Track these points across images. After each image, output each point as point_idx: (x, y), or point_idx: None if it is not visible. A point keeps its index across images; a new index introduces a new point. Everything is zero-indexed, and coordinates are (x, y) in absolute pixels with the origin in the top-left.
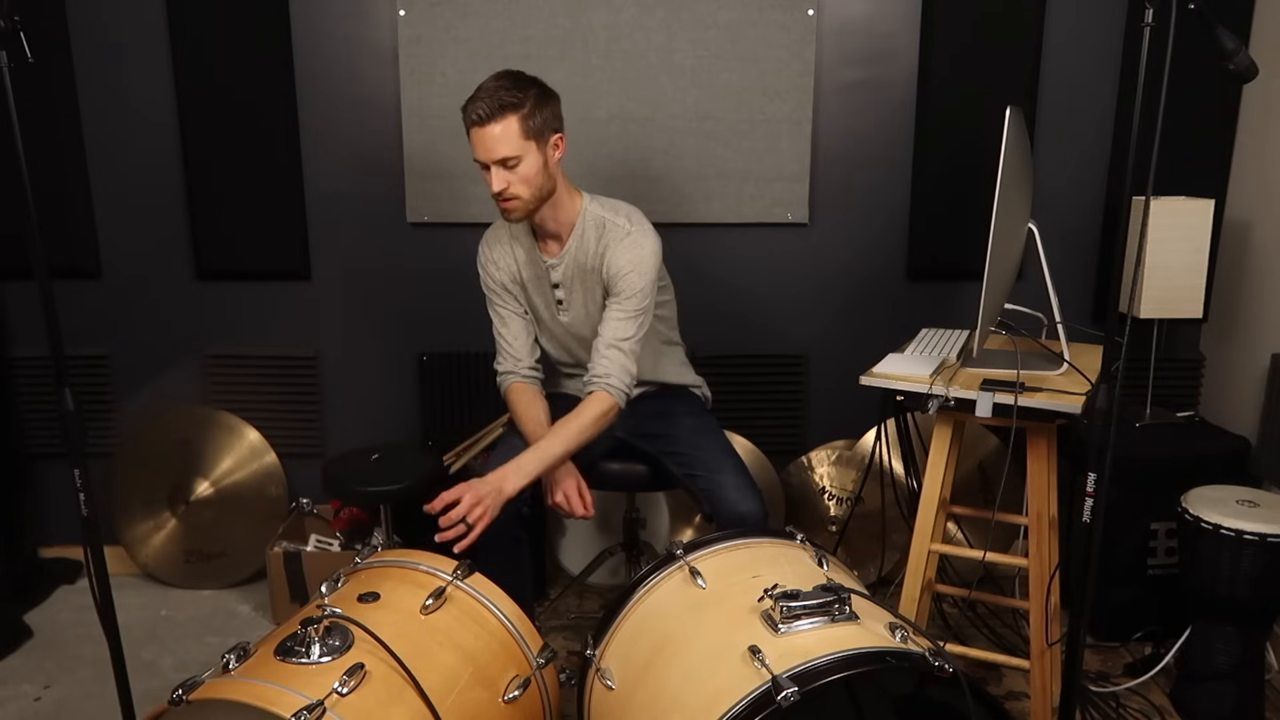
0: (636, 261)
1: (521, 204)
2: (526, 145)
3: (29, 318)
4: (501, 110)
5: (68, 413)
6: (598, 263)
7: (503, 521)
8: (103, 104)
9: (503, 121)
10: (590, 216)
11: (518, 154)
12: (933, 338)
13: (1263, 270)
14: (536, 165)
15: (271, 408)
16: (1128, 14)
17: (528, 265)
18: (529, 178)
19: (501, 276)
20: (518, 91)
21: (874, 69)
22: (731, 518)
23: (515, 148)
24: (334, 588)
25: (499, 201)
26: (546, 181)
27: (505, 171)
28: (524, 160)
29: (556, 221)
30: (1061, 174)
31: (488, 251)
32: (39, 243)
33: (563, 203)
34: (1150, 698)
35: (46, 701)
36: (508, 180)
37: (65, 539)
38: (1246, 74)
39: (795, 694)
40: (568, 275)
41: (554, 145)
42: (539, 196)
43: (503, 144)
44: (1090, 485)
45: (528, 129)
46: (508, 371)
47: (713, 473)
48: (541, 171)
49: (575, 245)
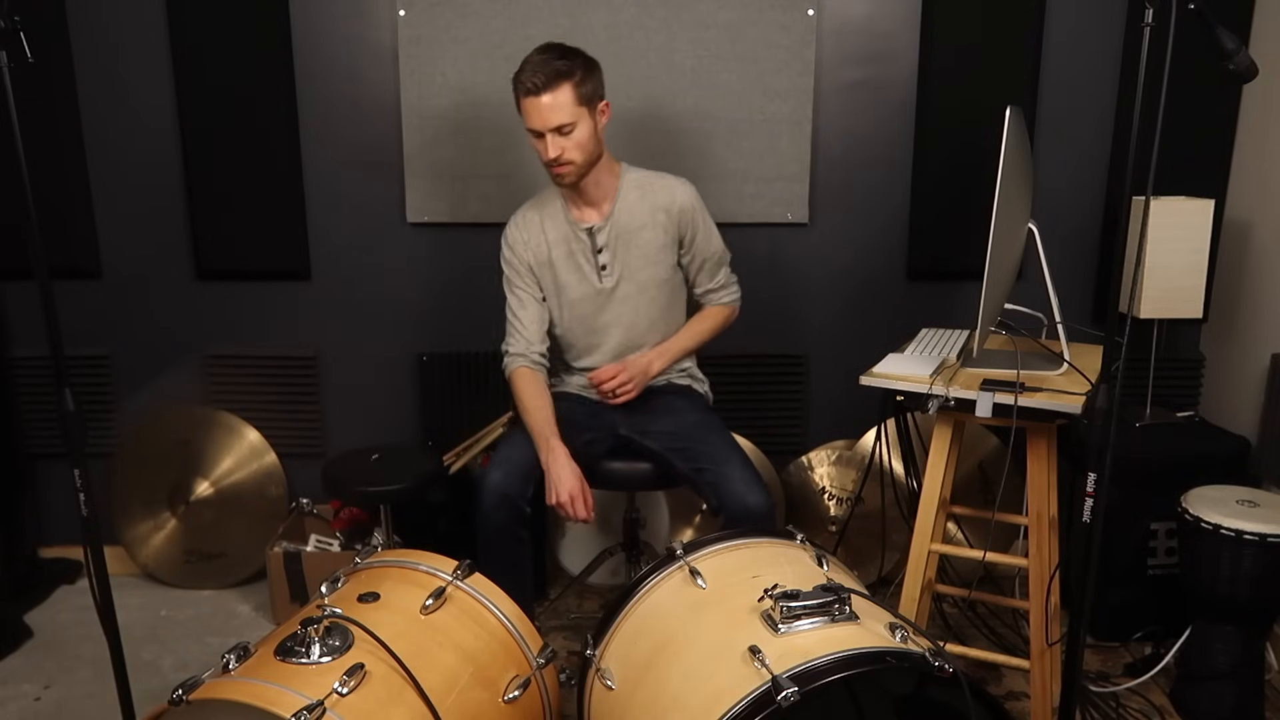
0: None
1: (574, 169)
2: (579, 111)
3: (29, 318)
4: (555, 79)
5: (68, 413)
6: (646, 218)
7: (505, 520)
8: (103, 104)
9: (556, 90)
10: (631, 180)
11: (572, 120)
12: (933, 338)
13: (1263, 270)
14: (588, 131)
15: (271, 408)
16: (1128, 14)
17: (560, 243)
18: (582, 143)
19: (528, 257)
20: (567, 60)
21: (874, 69)
22: (739, 510)
23: (569, 114)
24: (334, 588)
25: (553, 168)
26: (596, 146)
27: (560, 138)
28: (577, 126)
29: (599, 186)
30: (1061, 174)
31: (516, 233)
32: (39, 243)
33: (606, 168)
34: (1150, 698)
35: (46, 701)
36: (562, 146)
37: (65, 539)
38: (1246, 74)
39: (795, 694)
40: (612, 237)
41: (601, 111)
42: (590, 161)
43: (558, 112)
44: (1090, 485)
45: (579, 96)
46: (518, 354)
47: (719, 466)
48: (592, 137)
49: (621, 208)
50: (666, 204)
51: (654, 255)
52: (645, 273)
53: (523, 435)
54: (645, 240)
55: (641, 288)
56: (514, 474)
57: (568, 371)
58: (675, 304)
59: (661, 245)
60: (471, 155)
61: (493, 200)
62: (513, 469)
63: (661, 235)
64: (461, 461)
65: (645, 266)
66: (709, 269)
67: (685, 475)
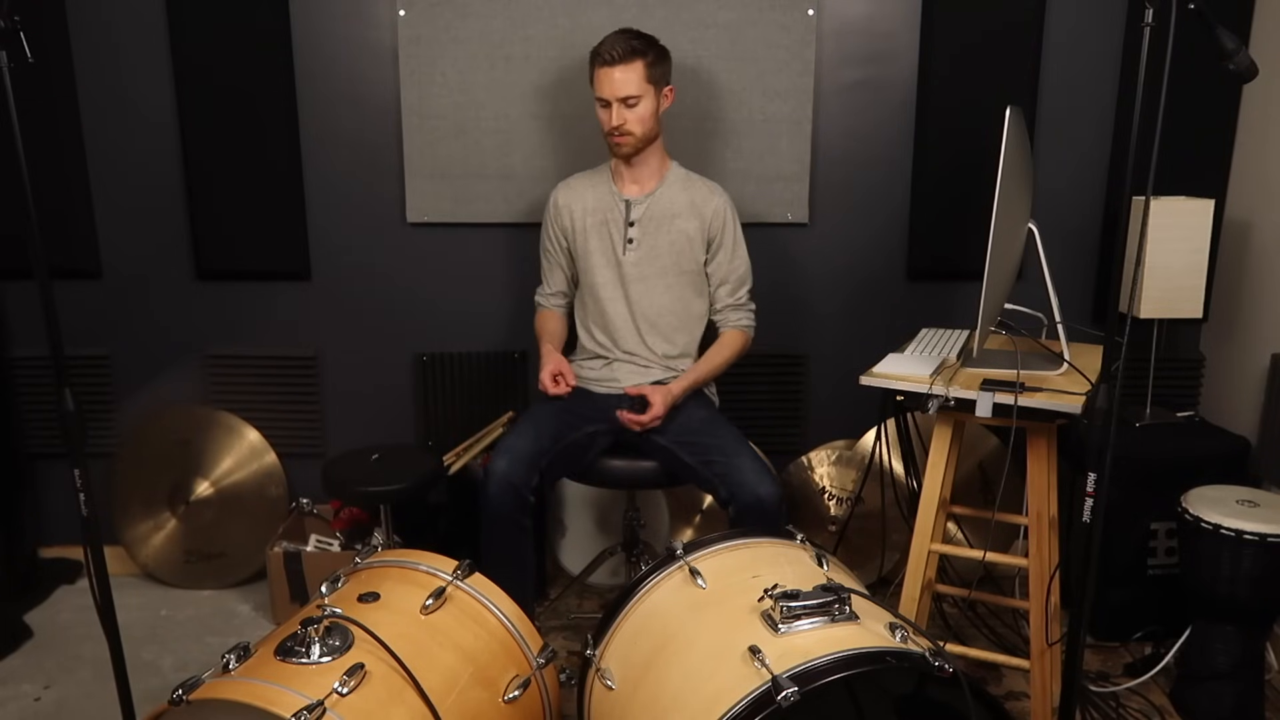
0: (724, 204)
1: (633, 140)
2: (647, 88)
3: (29, 318)
4: (631, 54)
5: (68, 413)
6: (682, 211)
7: (510, 508)
8: (103, 104)
9: (631, 65)
10: (678, 175)
11: (639, 94)
12: (933, 338)
13: (1263, 270)
14: (651, 108)
15: (271, 408)
16: (1128, 14)
17: (597, 210)
18: (644, 118)
19: (563, 222)
20: (643, 41)
21: (874, 69)
22: (750, 500)
23: (637, 88)
24: (334, 588)
25: (613, 136)
26: (655, 126)
27: (625, 109)
28: (642, 101)
29: (648, 167)
30: (1061, 174)
31: (561, 197)
32: (39, 243)
33: (658, 153)
34: (1150, 698)
35: (46, 701)
36: (625, 117)
37: (65, 539)
38: (1246, 74)
39: (795, 694)
40: (647, 215)
41: (665, 95)
42: (647, 138)
43: (628, 84)
44: (1090, 485)
45: (650, 74)
46: (541, 300)
47: (730, 457)
48: (653, 115)
49: (662, 193)
50: (702, 201)
51: (682, 245)
52: (669, 260)
53: (528, 425)
54: (678, 229)
55: (662, 272)
56: (520, 463)
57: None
58: (691, 304)
59: (690, 238)
60: (471, 155)
61: (493, 200)
62: (519, 458)
63: (693, 228)
64: (461, 461)
65: (671, 253)
66: (732, 283)
67: (693, 468)
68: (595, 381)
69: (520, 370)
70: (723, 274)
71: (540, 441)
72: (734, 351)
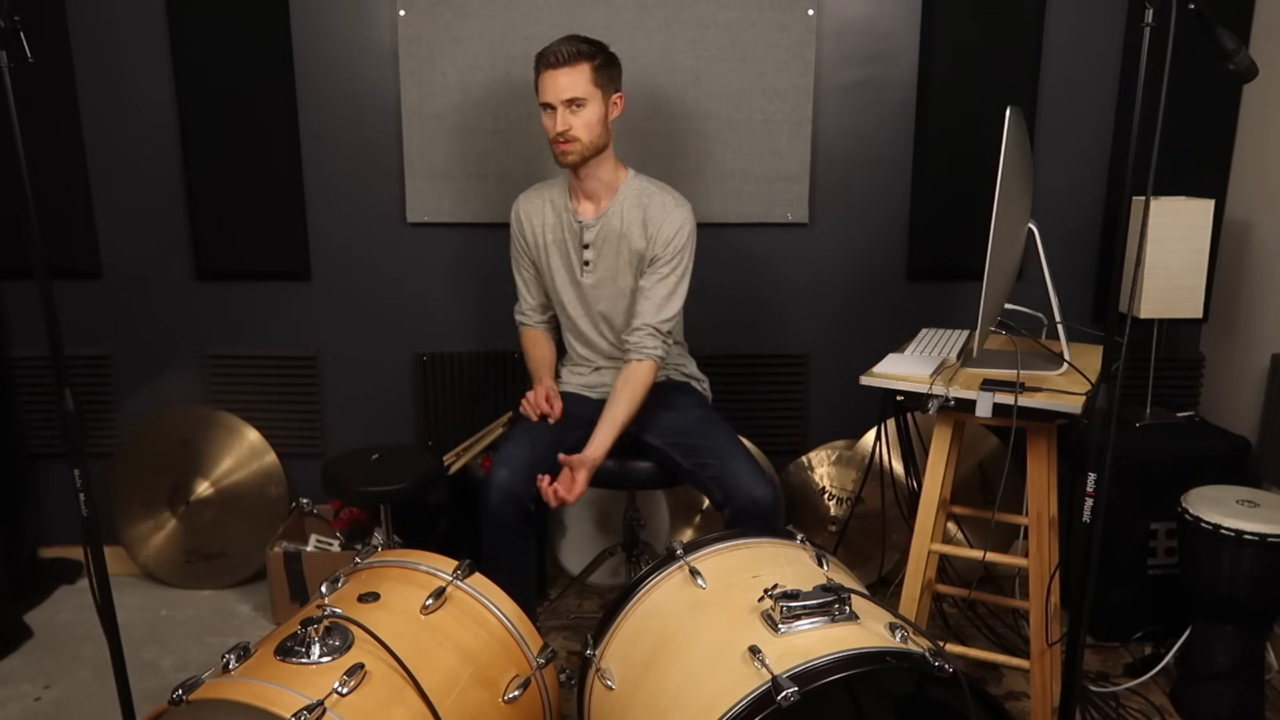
0: (679, 228)
1: (579, 147)
2: (593, 92)
3: (29, 318)
4: (576, 57)
5: (68, 413)
6: (634, 230)
7: (511, 518)
8: (103, 104)
9: (576, 67)
10: (633, 188)
11: (584, 97)
12: (933, 338)
13: (1263, 270)
14: (598, 114)
15: (271, 408)
16: (1128, 14)
17: (556, 227)
18: (590, 124)
19: (527, 233)
20: (591, 46)
21: (874, 69)
22: (745, 503)
23: (583, 91)
24: (334, 588)
25: (557, 143)
26: (603, 134)
27: (569, 114)
28: (588, 105)
29: (599, 181)
30: (1061, 174)
31: (522, 208)
32: (39, 243)
33: (609, 165)
34: (1150, 698)
35: (46, 701)
36: (570, 123)
37: (65, 539)
38: (1246, 74)
39: (795, 694)
40: (600, 237)
41: (614, 102)
42: (594, 145)
43: (574, 86)
44: (1090, 485)
45: (596, 78)
46: (521, 317)
47: (724, 460)
48: (601, 121)
49: (614, 210)
50: (655, 219)
51: (637, 263)
52: (627, 279)
53: (526, 434)
54: (631, 250)
55: (622, 292)
56: (520, 472)
57: (567, 368)
58: None
59: (643, 255)
60: (471, 155)
61: (493, 200)
62: (519, 467)
63: (644, 245)
64: (461, 461)
65: (629, 272)
66: (658, 301)
67: (688, 471)
68: (586, 387)
69: (520, 370)
70: (652, 288)
71: (537, 449)
72: (645, 389)
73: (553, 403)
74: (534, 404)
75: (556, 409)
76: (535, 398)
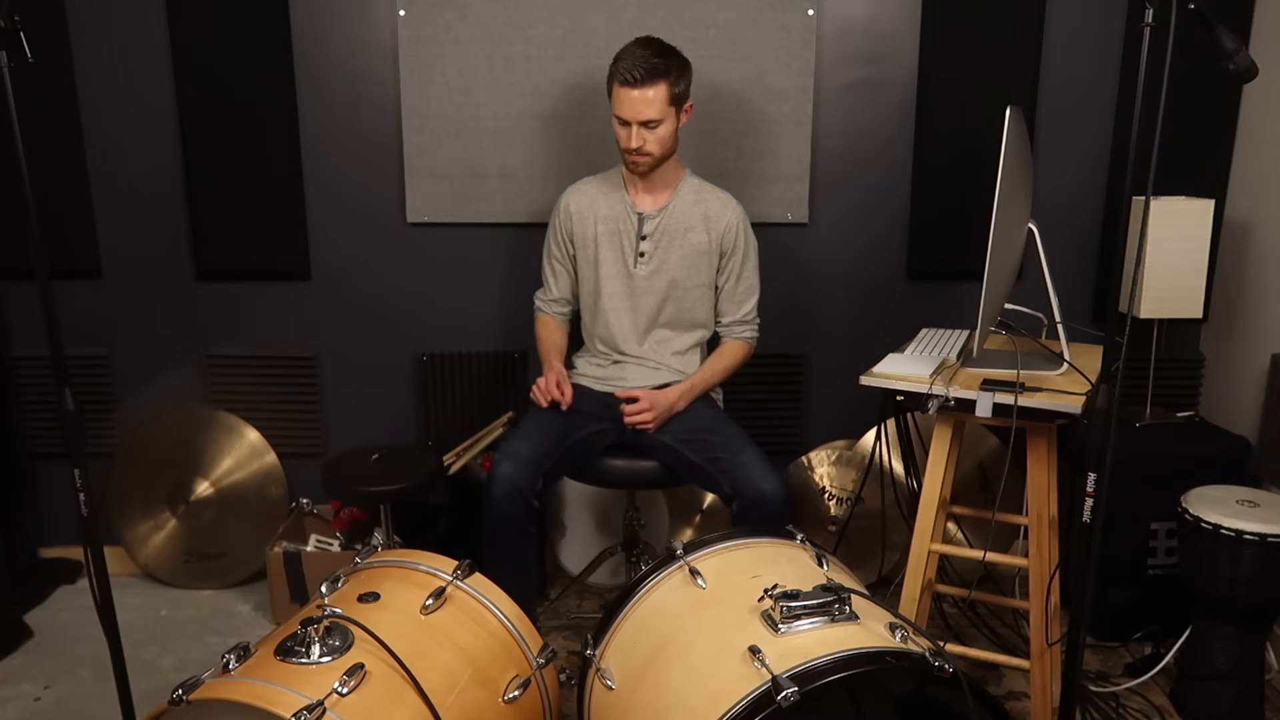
0: (740, 219)
1: (651, 160)
2: (668, 110)
3: (29, 318)
4: (653, 76)
5: (68, 413)
6: (696, 225)
7: (515, 513)
8: (103, 104)
9: (653, 87)
10: (692, 185)
11: (660, 117)
12: (933, 338)
13: (1263, 270)
14: (671, 129)
15: (271, 408)
16: (1128, 14)
17: (609, 220)
18: (663, 139)
19: (572, 227)
20: (665, 59)
21: (874, 69)
22: (754, 496)
23: (659, 112)
24: (334, 588)
25: (630, 155)
26: (674, 144)
27: (645, 131)
28: (663, 124)
29: (664, 180)
30: (1061, 174)
31: (573, 203)
32: (39, 243)
33: (673, 164)
34: (1150, 698)
35: (46, 701)
36: (645, 138)
37: (65, 539)
38: (1246, 74)
39: (795, 694)
40: (660, 229)
41: (686, 111)
42: (665, 155)
43: (650, 108)
44: (1090, 485)
45: (671, 96)
46: (542, 305)
47: (735, 454)
48: (673, 135)
49: (676, 205)
50: (716, 215)
51: (694, 259)
52: (680, 273)
53: (530, 428)
54: (690, 244)
55: (671, 285)
56: (525, 467)
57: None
58: (696, 314)
59: (703, 251)
60: (471, 155)
61: (493, 200)
62: (523, 462)
63: (706, 242)
64: (461, 461)
65: (682, 267)
66: (739, 296)
67: (698, 465)
68: (600, 380)
69: (520, 370)
70: (730, 287)
71: (543, 444)
72: (735, 361)
73: (564, 388)
74: (545, 389)
75: (567, 395)
76: (546, 383)
